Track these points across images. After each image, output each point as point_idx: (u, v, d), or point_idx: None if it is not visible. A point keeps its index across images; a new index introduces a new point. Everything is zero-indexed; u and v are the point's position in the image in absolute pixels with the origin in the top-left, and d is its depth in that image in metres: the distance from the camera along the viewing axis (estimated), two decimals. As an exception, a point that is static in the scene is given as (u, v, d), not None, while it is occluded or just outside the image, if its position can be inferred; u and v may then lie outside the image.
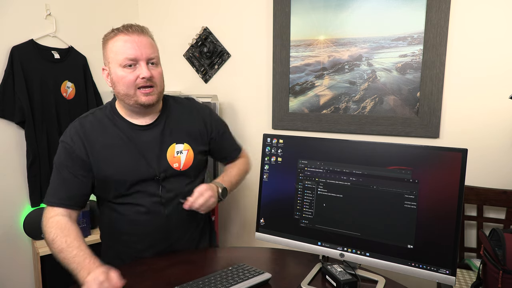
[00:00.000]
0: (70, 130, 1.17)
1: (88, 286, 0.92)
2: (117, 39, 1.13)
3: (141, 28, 1.17)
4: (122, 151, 1.17)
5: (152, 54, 1.16)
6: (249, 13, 2.12)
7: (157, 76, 1.17)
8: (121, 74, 1.13)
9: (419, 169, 0.97)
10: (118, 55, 1.12)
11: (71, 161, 1.14)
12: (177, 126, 1.25)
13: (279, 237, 1.14)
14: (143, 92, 1.14)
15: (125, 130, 1.19)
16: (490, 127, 1.69)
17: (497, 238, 1.23)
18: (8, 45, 1.77)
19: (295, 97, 2.05)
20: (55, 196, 1.13)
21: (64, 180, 1.13)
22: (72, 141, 1.15)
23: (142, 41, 1.14)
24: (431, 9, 1.71)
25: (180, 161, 1.22)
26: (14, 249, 1.87)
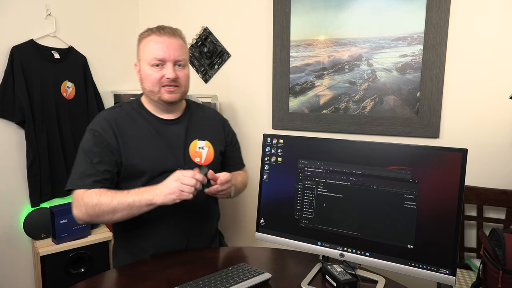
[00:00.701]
0: (99, 119, 1.23)
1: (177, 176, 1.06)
2: (150, 39, 1.22)
3: (173, 30, 1.24)
4: (150, 142, 1.23)
5: (180, 56, 1.23)
6: (249, 13, 2.12)
7: (182, 77, 1.25)
8: (149, 72, 1.22)
9: (419, 169, 0.97)
10: (148, 54, 1.21)
11: (100, 147, 1.18)
12: (199, 124, 1.34)
13: (279, 237, 1.14)
14: (167, 90, 1.22)
15: (153, 123, 1.26)
16: (490, 127, 1.69)
17: (497, 238, 1.23)
18: (8, 45, 1.77)
19: (295, 97, 2.05)
20: (83, 179, 1.15)
21: (93, 164, 1.16)
22: (102, 129, 1.20)
23: (172, 43, 1.21)
24: (431, 9, 1.71)
25: (201, 156, 1.29)
26: (14, 249, 1.87)
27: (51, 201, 1.95)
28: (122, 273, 1.13)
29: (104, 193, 1.12)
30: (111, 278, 1.12)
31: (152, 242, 1.24)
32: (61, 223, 1.81)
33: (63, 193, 2.00)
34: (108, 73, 2.27)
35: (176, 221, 1.25)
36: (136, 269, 1.14)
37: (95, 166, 1.16)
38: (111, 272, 1.19)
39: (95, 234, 1.94)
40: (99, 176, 1.16)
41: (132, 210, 1.11)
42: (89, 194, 1.12)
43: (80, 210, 1.13)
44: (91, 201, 1.11)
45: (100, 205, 1.10)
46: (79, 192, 1.14)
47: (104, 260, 1.95)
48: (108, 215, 1.11)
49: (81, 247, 1.86)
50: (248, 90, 2.18)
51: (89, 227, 1.91)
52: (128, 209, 1.10)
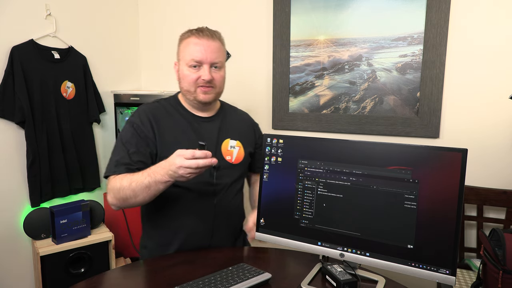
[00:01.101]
0: (139, 112, 1.29)
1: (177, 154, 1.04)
2: (189, 40, 1.26)
3: (212, 33, 1.27)
4: (184, 136, 1.28)
5: (217, 59, 1.26)
6: (249, 13, 2.12)
7: (218, 79, 1.28)
8: (186, 72, 1.26)
9: (419, 169, 0.97)
10: (186, 55, 1.26)
11: (137, 139, 1.24)
12: (231, 124, 1.39)
13: (279, 237, 1.14)
14: (202, 90, 1.27)
15: (188, 119, 1.32)
16: (490, 127, 1.69)
17: (497, 238, 1.23)
18: (8, 45, 1.77)
19: (295, 97, 2.05)
20: (117, 167, 1.20)
21: (129, 154, 1.22)
22: (141, 122, 1.26)
23: (210, 46, 1.25)
24: (431, 9, 1.71)
25: (232, 155, 1.34)
26: (14, 249, 1.87)
27: (51, 201, 1.95)
28: (122, 273, 1.13)
29: (125, 177, 1.16)
30: (111, 278, 1.12)
31: (178, 235, 1.28)
32: (61, 223, 1.81)
33: (63, 193, 2.00)
34: (108, 73, 2.27)
35: (202, 216, 1.28)
36: (136, 269, 1.14)
37: (131, 156, 1.22)
38: (111, 272, 1.19)
39: (95, 234, 1.94)
40: (133, 166, 1.21)
41: (150, 191, 1.12)
42: (114, 179, 1.18)
43: (109, 195, 1.19)
44: (116, 185, 1.16)
45: (122, 189, 1.14)
46: (110, 178, 1.21)
47: (104, 260, 1.95)
48: (132, 199, 1.15)
49: (81, 247, 1.86)
50: (248, 90, 2.18)
51: (89, 227, 1.91)
52: (147, 190, 1.12)
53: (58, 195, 1.98)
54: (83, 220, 1.89)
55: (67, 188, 2.01)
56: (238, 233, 1.42)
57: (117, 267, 1.21)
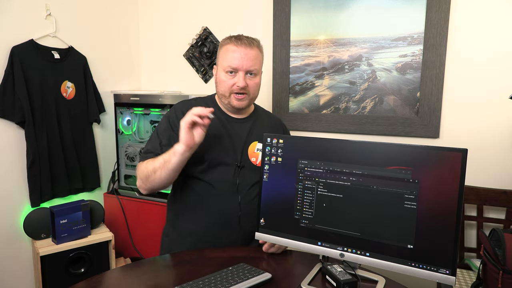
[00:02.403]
0: (175, 108, 1.37)
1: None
2: (228, 47, 1.31)
3: (250, 41, 1.32)
4: (214, 133, 1.32)
5: (252, 67, 1.31)
6: (249, 13, 2.12)
7: (252, 86, 1.33)
8: (222, 78, 1.32)
9: (419, 169, 0.97)
10: (224, 62, 1.31)
11: (170, 132, 1.32)
12: (262, 128, 1.41)
13: (279, 237, 1.14)
14: (236, 97, 1.32)
15: (221, 118, 1.37)
16: (490, 127, 1.69)
17: (497, 238, 1.23)
18: (8, 45, 1.77)
19: (295, 97, 2.05)
20: (148, 155, 1.30)
21: (160, 145, 1.31)
22: (176, 117, 1.32)
23: (247, 54, 1.29)
24: (431, 9, 1.71)
25: (257, 157, 1.37)
26: (14, 249, 1.87)
27: (51, 201, 1.95)
28: (122, 273, 1.13)
29: (149, 161, 1.26)
30: (111, 278, 1.12)
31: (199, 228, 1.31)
32: (61, 223, 1.81)
33: (63, 193, 2.00)
34: (108, 73, 2.27)
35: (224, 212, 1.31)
36: (136, 269, 1.14)
37: (162, 147, 1.30)
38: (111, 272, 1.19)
39: (95, 234, 1.94)
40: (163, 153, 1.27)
41: (166, 164, 1.20)
42: (141, 164, 1.29)
43: (137, 180, 1.30)
44: (141, 168, 1.28)
45: (146, 168, 1.25)
46: (138, 164, 1.31)
47: (104, 260, 1.95)
48: (152, 176, 1.23)
49: (81, 247, 1.86)
50: (248, 90, 2.17)
51: (89, 227, 1.91)
52: (164, 164, 1.20)
53: (58, 195, 1.98)
54: (83, 220, 1.89)
55: (67, 188, 2.01)
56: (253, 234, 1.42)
57: (117, 267, 1.21)
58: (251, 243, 1.40)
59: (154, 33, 2.44)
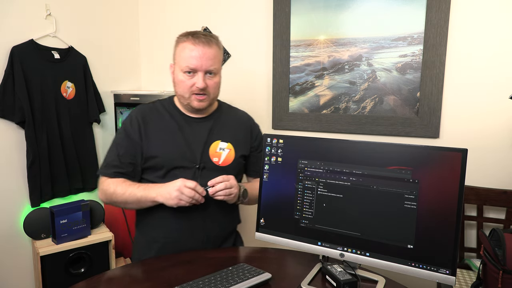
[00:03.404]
0: (130, 116, 1.34)
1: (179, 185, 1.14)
2: (185, 45, 1.25)
3: (208, 39, 1.26)
4: (170, 137, 1.30)
5: (212, 66, 1.26)
6: (249, 13, 2.12)
7: (212, 86, 1.28)
8: (181, 78, 1.27)
9: (419, 169, 0.97)
10: (182, 61, 1.26)
11: (127, 141, 1.30)
12: (225, 127, 1.37)
13: (279, 237, 1.14)
14: (196, 98, 1.27)
15: (178, 120, 1.33)
16: (490, 127, 1.69)
17: (497, 238, 1.23)
18: (8, 45, 1.77)
19: (295, 97, 2.05)
20: (107, 168, 1.29)
21: (118, 156, 1.29)
22: (130, 125, 1.31)
23: (206, 53, 1.24)
24: (431, 9, 1.71)
25: (220, 157, 1.33)
26: (14, 249, 1.87)
27: (51, 201, 1.95)
28: (122, 273, 1.13)
29: (120, 184, 1.24)
30: (111, 278, 1.12)
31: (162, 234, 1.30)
32: (61, 223, 1.81)
33: (63, 193, 2.00)
34: (108, 73, 2.27)
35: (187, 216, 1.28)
36: (136, 269, 1.14)
37: (120, 158, 1.28)
38: (111, 272, 1.19)
39: (95, 234, 1.94)
40: (122, 168, 1.28)
41: (140, 204, 1.23)
42: (108, 183, 1.27)
43: (101, 194, 1.29)
44: (109, 190, 1.25)
45: (115, 195, 1.24)
46: (102, 179, 1.29)
47: (104, 260, 1.95)
48: (121, 204, 1.27)
49: (81, 247, 1.86)
50: (248, 90, 2.18)
51: (89, 227, 1.91)
52: (137, 202, 1.22)
53: (58, 195, 1.98)
54: (83, 220, 1.89)
55: (67, 188, 2.01)
56: (228, 235, 1.39)
57: (117, 267, 1.21)
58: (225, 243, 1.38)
59: (154, 33, 2.44)
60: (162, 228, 1.30)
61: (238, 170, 1.38)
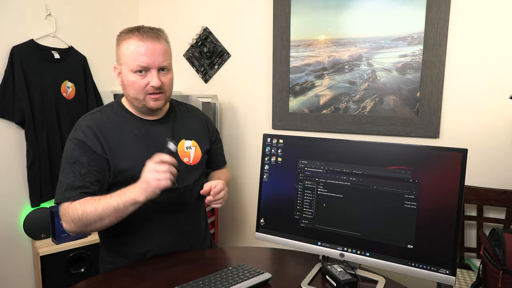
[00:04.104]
0: (81, 127, 1.16)
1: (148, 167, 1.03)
2: (131, 42, 1.14)
3: (156, 33, 1.16)
4: (136, 145, 1.18)
5: (164, 62, 1.16)
6: (249, 13, 2.12)
7: (167, 82, 1.18)
8: (132, 79, 1.14)
9: (419, 169, 0.97)
10: (130, 60, 1.13)
11: (87, 157, 1.12)
12: (183, 124, 1.30)
13: (279, 237, 1.14)
14: (152, 98, 1.16)
15: (137, 126, 1.21)
16: (490, 127, 1.69)
17: (497, 238, 1.23)
18: (8, 45, 1.77)
19: (295, 97, 2.05)
20: (70, 191, 1.09)
21: (81, 175, 1.11)
22: (86, 138, 1.13)
23: (156, 49, 1.14)
24: (431, 9, 1.71)
25: (190, 156, 1.27)
26: (14, 249, 1.87)
27: (51, 201, 1.95)
28: (122, 273, 1.13)
29: (88, 202, 1.07)
30: (111, 278, 1.12)
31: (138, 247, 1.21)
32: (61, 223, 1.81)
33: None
34: (108, 73, 2.27)
35: (167, 223, 1.22)
36: (136, 269, 1.14)
37: (83, 178, 1.11)
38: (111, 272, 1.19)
39: (95, 234, 1.93)
40: (89, 188, 1.11)
41: (118, 213, 1.06)
42: (73, 206, 1.08)
43: (68, 223, 1.09)
44: (76, 212, 1.06)
45: (86, 215, 1.06)
46: (65, 205, 1.10)
47: (104, 260, 1.95)
48: (96, 223, 1.07)
49: (81, 247, 1.86)
50: (248, 90, 2.18)
51: (89, 227, 1.91)
52: (115, 213, 1.05)
53: (58, 195, 1.98)
54: (83, 220, 1.88)
55: (67, 188, 2.01)
56: (203, 235, 1.35)
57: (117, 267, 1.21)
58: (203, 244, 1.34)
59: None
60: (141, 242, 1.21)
61: (204, 166, 1.34)
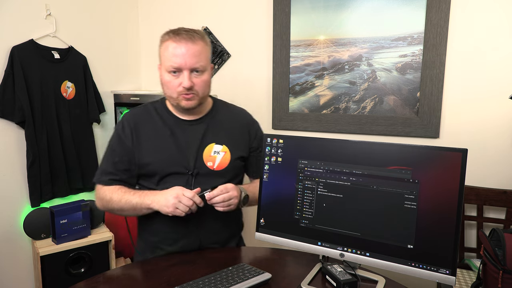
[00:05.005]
0: (122, 119, 1.29)
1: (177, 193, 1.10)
2: (168, 44, 1.21)
3: (191, 35, 1.19)
4: (162, 143, 1.25)
5: (197, 63, 1.18)
6: (249, 13, 2.12)
7: (199, 84, 1.21)
8: (167, 79, 1.22)
9: (419, 169, 0.97)
10: (165, 61, 1.21)
11: (120, 147, 1.26)
12: (220, 128, 1.31)
13: (279, 237, 1.14)
14: (184, 97, 1.21)
15: (170, 124, 1.28)
16: (490, 127, 1.69)
17: (497, 238, 1.23)
18: (8, 45, 1.77)
19: (295, 97, 2.05)
20: (102, 176, 1.26)
21: (113, 163, 1.25)
22: (122, 129, 1.27)
23: (190, 50, 1.17)
24: (431, 9, 1.71)
25: (214, 161, 1.26)
26: (14, 249, 1.87)
27: (51, 201, 1.95)
28: (122, 273, 1.13)
29: (116, 191, 1.21)
30: (111, 278, 1.12)
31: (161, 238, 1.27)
32: (61, 223, 1.81)
33: (63, 193, 2.00)
34: (108, 73, 2.27)
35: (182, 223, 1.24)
36: (136, 269, 1.14)
37: (115, 165, 1.25)
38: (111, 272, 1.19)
39: (95, 234, 1.94)
40: (117, 175, 1.25)
41: (136, 211, 1.19)
42: (104, 191, 1.24)
43: (98, 202, 1.27)
44: (105, 197, 1.23)
45: (111, 202, 1.21)
46: (98, 187, 1.27)
47: (104, 260, 1.95)
48: (118, 212, 1.24)
49: (81, 247, 1.86)
50: (248, 90, 2.18)
51: (89, 227, 1.91)
52: (133, 209, 1.19)
53: (58, 195, 1.98)
54: (83, 220, 1.89)
55: (67, 188, 2.01)
56: (226, 240, 1.34)
57: (117, 267, 1.21)
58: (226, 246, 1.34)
59: (154, 33, 2.44)
60: (159, 235, 1.27)
61: (235, 173, 1.31)
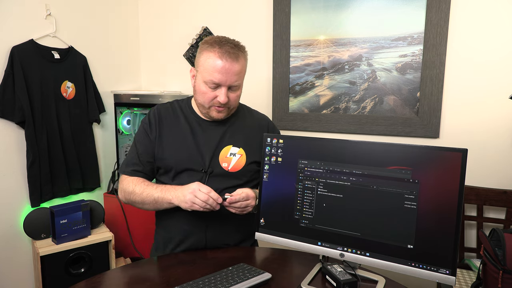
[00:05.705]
0: (150, 113, 1.33)
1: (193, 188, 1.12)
2: (211, 56, 1.19)
3: (236, 53, 1.20)
4: (181, 140, 1.29)
5: (236, 82, 1.22)
6: (249, 13, 2.12)
7: (233, 99, 1.25)
8: (203, 89, 1.22)
9: (419, 169, 0.97)
10: (205, 72, 1.20)
11: (144, 138, 1.31)
12: (239, 131, 1.33)
13: (279, 237, 1.14)
14: (216, 109, 1.25)
15: (192, 123, 1.31)
16: (490, 127, 1.69)
17: (497, 238, 1.23)
18: (8, 45, 1.77)
19: (295, 97, 2.05)
20: (128, 166, 1.30)
21: (138, 154, 1.30)
22: (148, 123, 1.31)
23: (232, 68, 1.19)
24: (431, 9, 1.71)
25: (229, 162, 1.29)
26: (14, 249, 1.87)
27: (51, 201, 1.95)
28: (122, 273, 1.13)
29: (139, 184, 1.24)
30: (111, 278, 1.12)
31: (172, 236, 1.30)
32: (61, 223, 1.81)
33: (63, 193, 2.00)
34: (108, 73, 2.27)
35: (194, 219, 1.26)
36: (136, 269, 1.14)
37: (139, 156, 1.29)
38: (111, 272, 1.19)
39: (95, 234, 1.94)
40: (140, 166, 1.29)
41: (157, 205, 1.21)
42: (127, 181, 1.27)
43: (121, 193, 1.29)
44: (128, 188, 1.25)
45: (133, 194, 1.24)
46: (122, 177, 1.30)
47: (104, 260, 1.95)
48: (139, 204, 1.25)
49: (81, 247, 1.86)
50: (248, 90, 2.17)
51: (89, 227, 1.91)
52: (154, 203, 1.21)
53: (58, 195, 1.98)
54: (83, 220, 1.89)
55: (67, 188, 2.01)
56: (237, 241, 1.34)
57: (117, 267, 1.21)
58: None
59: (154, 33, 2.44)
60: (171, 228, 1.30)
61: (249, 176, 1.32)
